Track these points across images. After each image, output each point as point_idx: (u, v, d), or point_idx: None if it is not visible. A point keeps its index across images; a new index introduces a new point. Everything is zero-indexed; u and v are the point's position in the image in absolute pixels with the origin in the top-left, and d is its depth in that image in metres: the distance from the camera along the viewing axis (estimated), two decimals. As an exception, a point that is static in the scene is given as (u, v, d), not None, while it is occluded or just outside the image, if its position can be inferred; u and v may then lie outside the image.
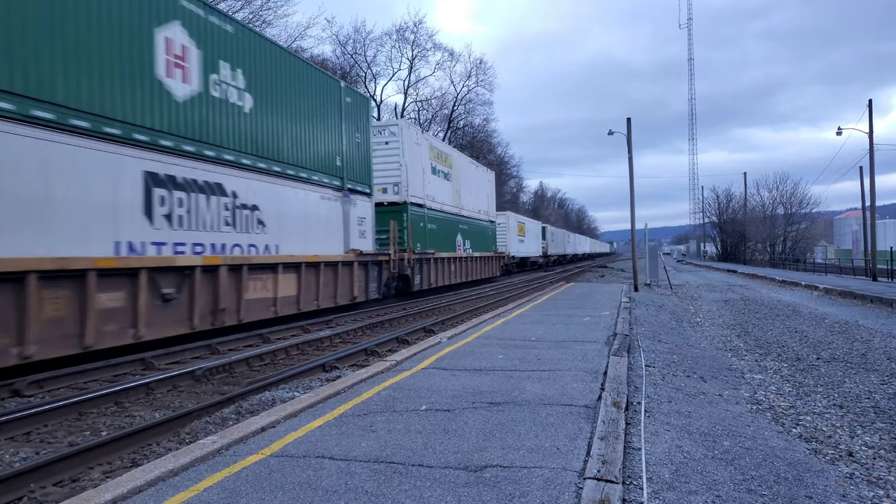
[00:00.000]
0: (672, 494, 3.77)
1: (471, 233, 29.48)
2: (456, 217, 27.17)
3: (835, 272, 41.95)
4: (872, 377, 8.67)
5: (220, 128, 11.74)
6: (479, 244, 30.71)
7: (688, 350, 10.48)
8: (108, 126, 9.15)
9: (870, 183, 32.74)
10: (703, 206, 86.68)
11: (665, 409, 5.88)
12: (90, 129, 8.85)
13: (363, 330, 13.41)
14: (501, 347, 8.93)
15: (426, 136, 24.39)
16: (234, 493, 3.66)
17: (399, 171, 20.95)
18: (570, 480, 3.77)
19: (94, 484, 4.54)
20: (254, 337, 11.89)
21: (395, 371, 7.31)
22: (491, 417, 5.19)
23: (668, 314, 16.28)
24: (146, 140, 9.88)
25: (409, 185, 21.28)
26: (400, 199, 20.98)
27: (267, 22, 34.15)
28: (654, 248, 31.02)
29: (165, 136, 10.30)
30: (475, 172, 31.79)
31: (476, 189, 31.20)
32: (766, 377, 8.74)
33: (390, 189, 20.80)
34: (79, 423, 6.42)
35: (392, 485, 3.74)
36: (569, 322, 11.98)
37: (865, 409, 6.99)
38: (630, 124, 25.01)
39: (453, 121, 56.57)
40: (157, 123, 10.12)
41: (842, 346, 11.46)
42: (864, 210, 39.63)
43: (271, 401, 6.89)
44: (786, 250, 67.07)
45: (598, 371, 7.08)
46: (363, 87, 49.12)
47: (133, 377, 8.46)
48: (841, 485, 4.41)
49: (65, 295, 8.36)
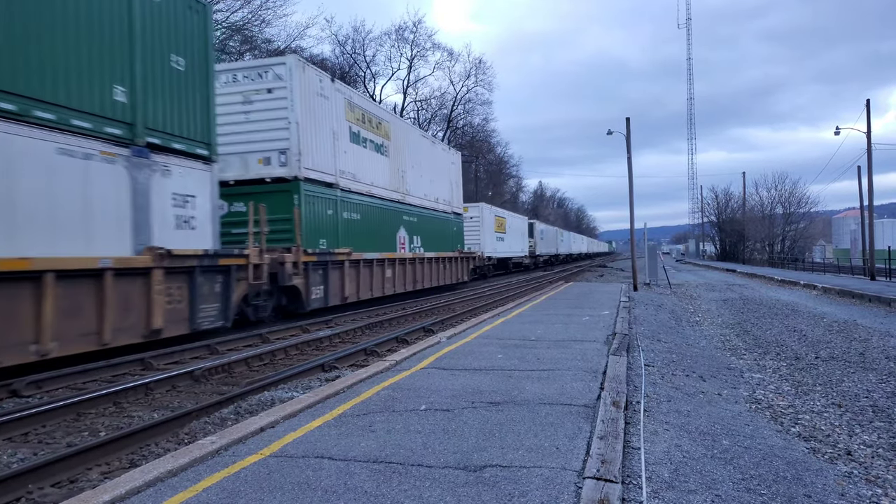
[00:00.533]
0: (671, 494, 3.77)
1: (422, 227, 23.11)
2: (396, 205, 20.82)
3: (833, 271, 41.97)
4: (871, 376, 8.68)
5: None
6: (436, 242, 24.36)
7: (687, 349, 10.49)
8: None
9: (868, 182, 32.80)
10: (702, 206, 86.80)
11: (664, 409, 5.88)
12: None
13: (362, 330, 13.41)
14: (501, 347, 8.93)
15: (341, 88, 17.17)
16: (233, 494, 3.66)
17: (288, 133, 14.32)
18: (569, 480, 3.77)
19: (93, 485, 4.53)
20: (253, 337, 11.88)
21: (395, 371, 7.31)
22: (490, 417, 5.19)
23: (668, 313, 16.29)
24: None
25: (302, 152, 14.59)
26: (288, 174, 14.48)
27: (266, 21, 34.17)
28: (653, 248, 31.04)
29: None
30: (431, 151, 24.88)
31: (432, 172, 24.65)
32: (765, 376, 8.74)
33: (275, 158, 14.48)
34: (77, 424, 6.40)
35: (391, 485, 3.74)
36: (568, 321, 11.98)
37: (864, 408, 7.00)
38: (629, 124, 25.02)
39: (452, 120, 56.61)
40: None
41: (840, 345, 11.47)
42: (863, 209, 39.68)
43: (270, 401, 6.88)
44: (784, 250, 67.14)
45: (597, 370, 7.08)
46: (362, 86, 49.12)
47: (132, 377, 8.45)
48: (840, 483, 4.41)
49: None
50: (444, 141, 56.09)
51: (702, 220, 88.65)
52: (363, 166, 18.28)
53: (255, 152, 14.59)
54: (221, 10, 30.39)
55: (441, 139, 56.21)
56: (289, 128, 14.50)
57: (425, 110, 55.47)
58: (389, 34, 57.42)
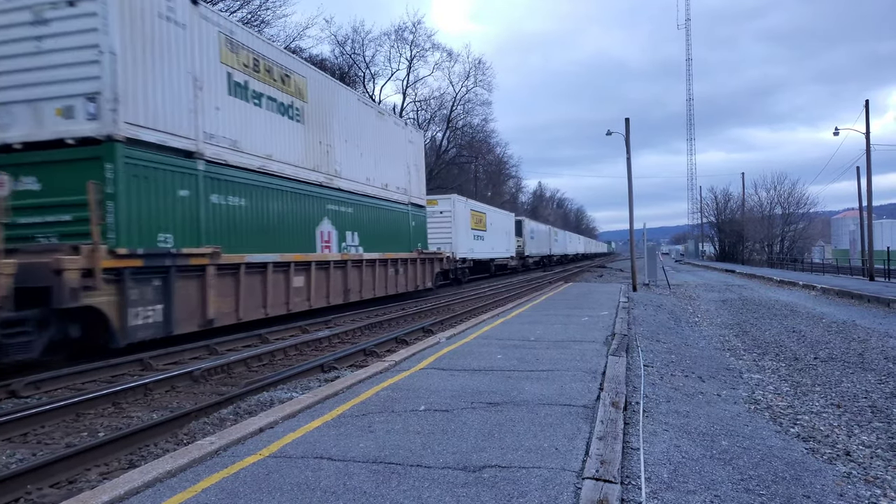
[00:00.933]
0: (670, 494, 3.77)
1: (361, 221, 17.98)
2: (318, 190, 15.60)
3: (832, 272, 42.02)
4: (870, 376, 8.69)
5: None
6: (383, 240, 19.36)
7: (686, 350, 10.49)
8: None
9: (867, 183, 32.82)
10: (702, 206, 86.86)
11: (663, 409, 5.88)
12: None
13: (362, 330, 13.41)
14: (500, 347, 8.93)
15: (210, 16, 12.06)
16: (233, 494, 3.66)
17: (99, 69, 9.48)
18: (568, 480, 3.77)
19: (92, 485, 4.53)
20: (252, 337, 11.88)
21: (394, 371, 7.31)
22: (490, 418, 5.19)
23: (667, 314, 16.30)
24: None
25: (123, 98, 9.63)
26: (98, 132, 9.49)
27: (266, 22, 34.15)
28: (652, 248, 31.06)
29: None
30: (378, 124, 19.65)
31: (379, 151, 19.48)
32: (764, 377, 8.75)
33: (80, 107, 9.61)
34: (76, 424, 6.40)
35: (390, 485, 3.74)
36: (567, 322, 11.99)
37: (863, 409, 7.00)
38: (628, 125, 25.03)
39: (452, 121, 56.60)
40: None
41: (839, 345, 11.48)
42: (862, 210, 39.73)
43: (270, 401, 6.88)
44: (783, 250, 67.22)
45: (596, 371, 7.09)
46: (362, 86, 49.10)
47: (131, 378, 8.45)
48: (838, 484, 4.41)
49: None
50: (444, 139, 56.20)
51: (701, 221, 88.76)
52: (253, 131, 13.10)
53: (51, 99, 9.69)
54: (221, 11, 30.37)
55: (441, 139, 56.25)
56: (100, 60, 9.49)
57: (425, 111, 55.48)
58: (389, 34, 57.38)
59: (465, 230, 31.25)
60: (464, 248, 30.55)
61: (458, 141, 58.30)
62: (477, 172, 66.17)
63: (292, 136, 14.69)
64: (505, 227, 40.85)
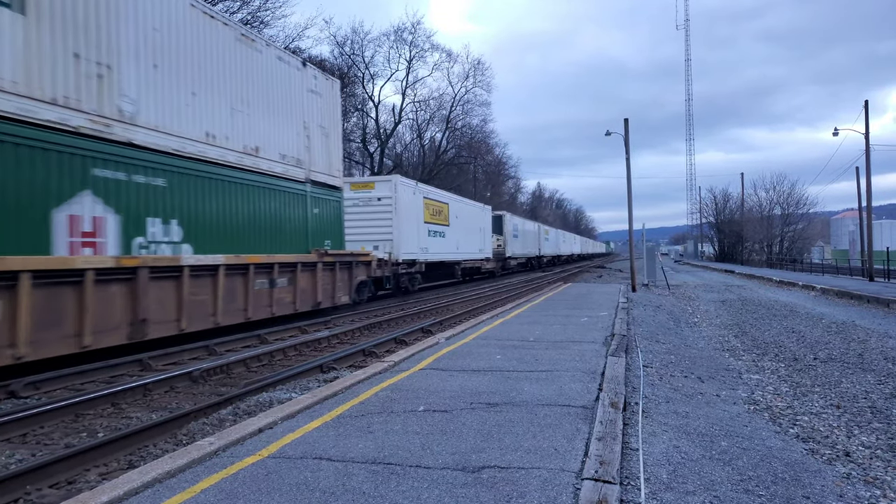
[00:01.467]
0: (669, 495, 3.77)
1: (189, 200, 11.23)
2: (65, 140, 8.80)
3: (832, 272, 42.02)
4: (869, 377, 8.69)
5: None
6: (242, 233, 12.71)
7: (685, 350, 10.50)
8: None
9: (866, 183, 32.84)
10: (701, 207, 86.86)
11: (663, 410, 5.88)
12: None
13: (361, 331, 13.40)
14: (499, 348, 8.93)
15: None
16: (232, 495, 3.66)
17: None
18: (567, 481, 3.77)
19: (91, 486, 4.53)
20: (252, 338, 11.88)
21: (393, 372, 7.31)
22: (489, 418, 5.19)
23: (666, 314, 16.30)
24: None
25: None
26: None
27: (265, 23, 34.14)
28: (651, 249, 31.06)
29: None
30: (243, 54, 12.87)
31: (241, 94, 12.78)
32: (764, 377, 8.75)
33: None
34: (75, 425, 6.40)
35: (390, 486, 3.74)
36: (566, 322, 11.99)
37: (862, 409, 7.00)
38: (627, 125, 25.03)
39: (451, 121, 56.56)
40: None
41: (839, 346, 11.49)
42: (861, 210, 39.75)
43: (269, 402, 6.88)
44: (783, 250, 67.22)
45: (595, 371, 7.09)
46: (361, 87, 49.10)
47: (130, 378, 8.44)
48: (838, 485, 4.42)
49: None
50: (443, 140, 56.14)
51: (700, 221, 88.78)
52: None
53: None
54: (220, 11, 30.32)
55: (440, 140, 56.24)
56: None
57: (424, 111, 55.47)
58: (388, 35, 57.43)
59: (415, 223, 23.88)
60: (410, 247, 23.00)
61: (458, 141, 58.24)
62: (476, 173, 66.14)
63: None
64: (478, 223, 33.45)
